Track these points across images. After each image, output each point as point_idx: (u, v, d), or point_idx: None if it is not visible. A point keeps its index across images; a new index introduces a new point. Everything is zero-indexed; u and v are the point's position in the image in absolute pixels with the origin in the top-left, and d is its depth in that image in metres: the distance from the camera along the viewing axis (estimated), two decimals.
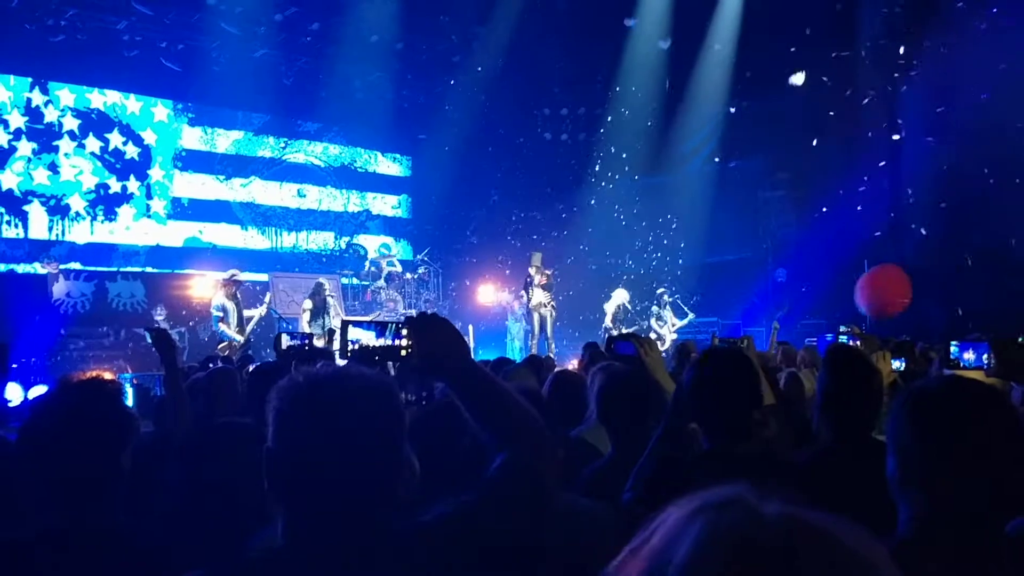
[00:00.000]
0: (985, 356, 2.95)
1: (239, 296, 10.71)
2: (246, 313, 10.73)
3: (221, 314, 10.43)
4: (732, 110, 15.23)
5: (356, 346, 1.72)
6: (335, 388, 1.37)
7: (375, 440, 1.37)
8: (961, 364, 2.99)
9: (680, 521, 0.71)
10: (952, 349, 3.03)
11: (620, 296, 13.68)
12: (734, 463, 2.18)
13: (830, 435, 2.67)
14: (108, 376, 1.97)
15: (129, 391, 3.92)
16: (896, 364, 4.56)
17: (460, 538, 1.42)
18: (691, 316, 13.84)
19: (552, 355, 10.82)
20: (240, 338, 10.32)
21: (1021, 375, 2.78)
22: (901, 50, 13.62)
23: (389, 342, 1.67)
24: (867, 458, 2.40)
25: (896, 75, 13.99)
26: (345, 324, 1.74)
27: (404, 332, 1.63)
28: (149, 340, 3.74)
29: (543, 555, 1.55)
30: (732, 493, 0.72)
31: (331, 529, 1.34)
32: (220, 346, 10.55)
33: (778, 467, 2.40)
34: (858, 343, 4.83)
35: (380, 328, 1.70)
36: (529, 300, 12.98)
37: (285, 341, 4.98)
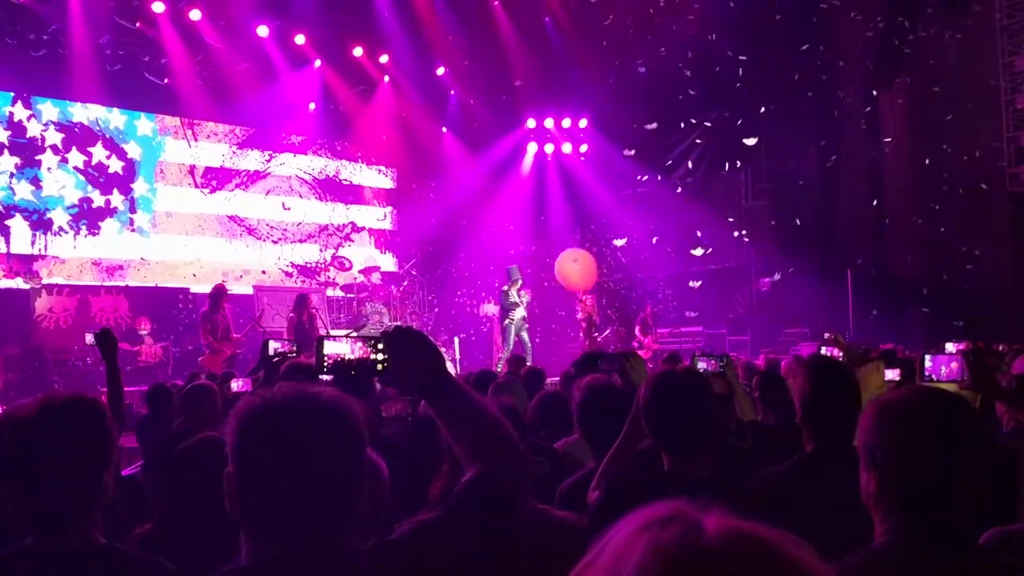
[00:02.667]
0: (955, 365, 2.96)
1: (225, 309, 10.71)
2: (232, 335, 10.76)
3: (209, 326, 10.43)
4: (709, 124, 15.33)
5: (332, 361, 1.73)
6: (292, 410, 1.37)
7: (334, 461, 1.37)
8: (935, 378, 3.00)
9: (626, 538, 0.72)
10: (927, 363, 3.03)
11: (589, 303, 13.72)
12: (692, 484, 2.20)
13: (812, 446, 2.68)
14: (90, 394, 1.98)
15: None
16: (890, 375, 4.50)
17: (423, 556, 1.42)
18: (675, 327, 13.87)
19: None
20: (226, 350, 10.30)
21: (993, 389, 2.79)
22: (882, 63, 13.77)
23: (366, 356, 1.68)
24: (849, 467, 2.42)
25: (876, 89, 14.15)
26: (321, 339, 1.75)
27: (381, 346, 1.64)
28: (91, 341, 3.85)
29: (513, 570, 1.56)
30: (674, 509, 0.74)
31: (292, 550, 1.34)
32: (200, 359, 10.53)
33: (737, 488, 2.42)
34: (838, 353, 4.84)
35: (356, 342, 1.71)
36: (510, 314, 12.90)
37: (272, 347, 4.97)
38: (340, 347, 1.72)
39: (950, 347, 3.43)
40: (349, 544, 1.39)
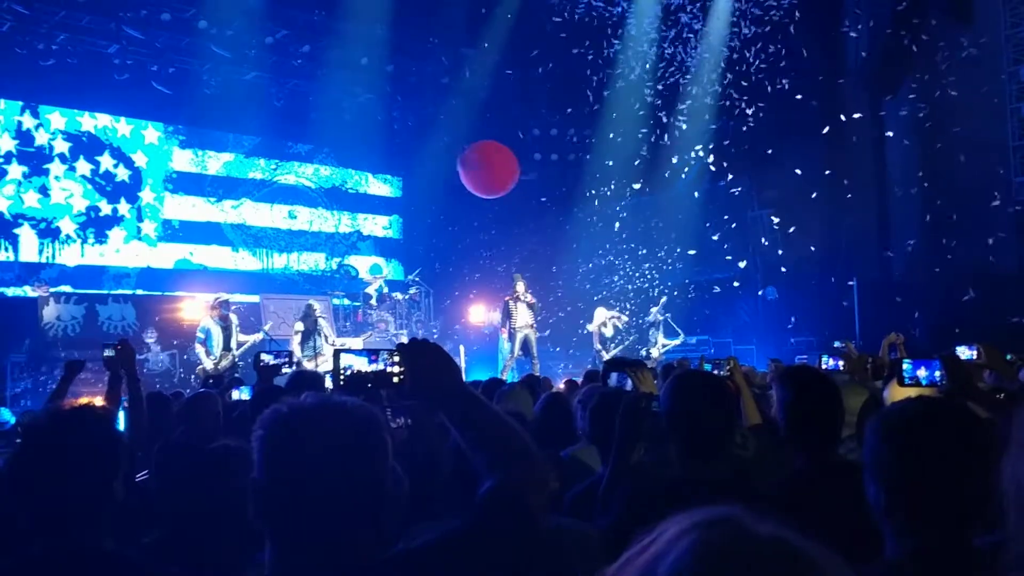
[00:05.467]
0: (938, 373, 2.94)
1: (232, 319, 10.69)
2: (241, 338, 10.72)
3: (203, 336, 10.43)
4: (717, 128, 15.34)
5: (348, 373, 1.74)
6: (319, 419, 1.39)
7: (359, 470, 1.38)
8: (920, 383, 2.97)
9: (673, 536, 0.73)
10: (905, 367, 3.01)
11: (600, 315, 13.63)
12: (707, 489, 2.19)
13: (799, 458, 2.66)
14: (99, 403, 2.00)
15: (120, 415, 3.96)
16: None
17: (446, 565, 1.43)
18: (682, 336, 13.79)
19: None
20: (209, 364, 10.28)
21: (971, 393, 2.77)
22: (887, 72, 13.78)
23: (381, 368, 1.69)
24: (837, 480, 2.41)
25: (883, 95, 14.16)
26: (337, 352, 1.76)
27: (396, 358, 1.65)
28: (111, 354, 3.88)
29: None
30: (727, 512, 0.74)
31: (317, 558, 1.36)
32: (197, 368, 10.55)
33: (751, 492, 2.41)
34: (841, 362, 4.83)
35: (372, 354, 1.72)
36: (513, 321, 12.82)
37: (264, 359, 5.04)
38: (356, 359, 1.73)
39: (962, 350, 3.40)
40: (372, 552, 1.40)
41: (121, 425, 3.63)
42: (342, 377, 1.74)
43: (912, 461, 1.62)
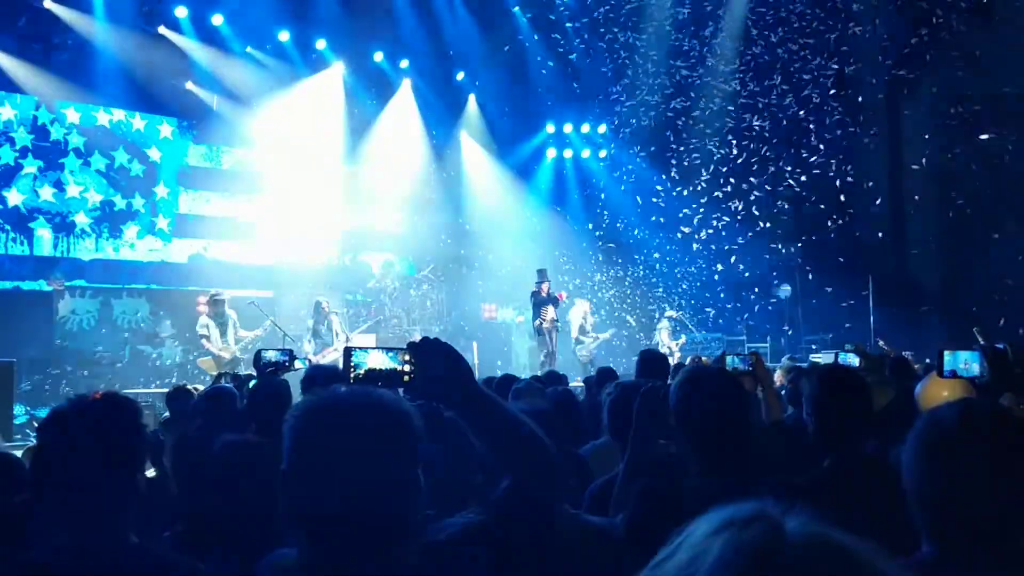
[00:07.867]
0: (977, 366, 2.91)
1: (230, 315, 10.88)
2: (242, 333, 10.83)
3: (205, 332, 10.62)
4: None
5: (359, 371, 1.72)
6: (350, 410, 1.38)
7: (390, 461, 1.37)
8: (959, 375, 2.94)
9: (705, 536, 0.71)
10: (947, 358, 2.97)
11: (580, 306, 13.63)
12: (723, 485, 2.16)
13: (826, 455, 2.64)
14: (125, 394, 1.99)
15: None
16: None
17: (468, 557, 1.43)
18: (682, 340, 13.69)
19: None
20: (223, 354, 10.42)
21: (1012, 384, 2.74)
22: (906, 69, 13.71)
23: (392, 367, 1.68)
24: (864, 477, 2.39)
25: (899, 95, 14.09)
26: (348, 350, 1.74)
27: (407, 357, 1.64)
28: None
29: (549, 573, 1.56)
30: (756, 509, 0.72)
31: (345, 549, 1.35)
32: (200, 360, 10.70)
33: (771, 489, 2.38)
34: (858, 361, 4.81)
35: (384, 353, 1.71)
36: (542, 318, 12.74)
37: (265, 357, 5.04)
38: (366, 357, 1.71)
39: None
40: (399, 544, 1.39)
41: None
42: (352, 375, 1.73)
43: (947, 466, 1.62)
